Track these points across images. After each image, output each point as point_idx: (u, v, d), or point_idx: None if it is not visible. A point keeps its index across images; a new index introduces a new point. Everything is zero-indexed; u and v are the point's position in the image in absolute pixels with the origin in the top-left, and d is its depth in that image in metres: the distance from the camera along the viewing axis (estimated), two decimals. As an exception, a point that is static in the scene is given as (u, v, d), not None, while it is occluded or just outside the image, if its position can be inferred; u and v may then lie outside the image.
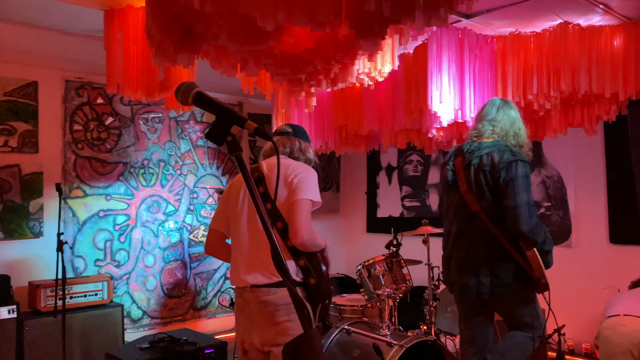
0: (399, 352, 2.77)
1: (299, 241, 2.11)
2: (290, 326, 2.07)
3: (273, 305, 2.12)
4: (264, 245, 2.15)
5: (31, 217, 4.42)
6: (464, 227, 2.66)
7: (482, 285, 2.57)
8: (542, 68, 3.32)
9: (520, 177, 2.50)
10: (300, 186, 2.17)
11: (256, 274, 2.18)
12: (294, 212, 2.13)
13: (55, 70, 4.62)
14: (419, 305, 4.35)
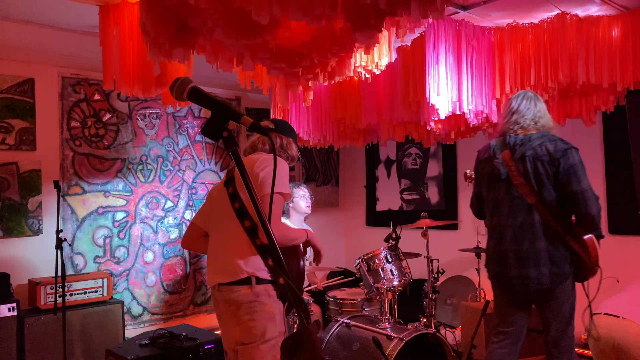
0: (399, 345, 2.77)
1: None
2: (253, 325, 2.07)
3: (235, 303, 2.11)
4: (230, 242, 2.17)
5: (30, 214, 4.42)
6: (522, 219, 2.66)
7: (543, 276, 2.60)
8: (539, 59, 3.31)
9: (579, 164, 2.59)
10: (268, 180, 2.13)
11: (221, 272, 2.18)
12: (265, 205, 2.05)
13: (51, 67, 4.60)
14: (418, 298, 4.36)
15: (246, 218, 2.13)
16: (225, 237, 2.21)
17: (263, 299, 2.10)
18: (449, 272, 5.09)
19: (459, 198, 5.68)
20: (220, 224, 2.27)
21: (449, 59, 3.30)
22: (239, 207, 2.14)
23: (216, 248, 2.26)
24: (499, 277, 2.82)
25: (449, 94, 3.29)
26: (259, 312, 2.08)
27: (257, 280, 2.10)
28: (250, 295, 2.09)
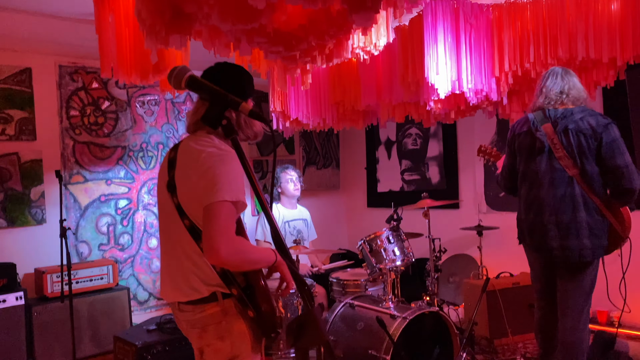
0: (403, 324, 2.81)
1: (216, 259, 1.60)
2: (221, 347, 1.74)
3: (200, 324, 1.76)
4: (181, 250, 1.78)
5: (33, 204, 4.44)
6: (563, 191, 2.71)
7: (584, 247, 2.66)
8: (538, 35, 3.28)
9: (619, 138, 2.67)
10: (215, 184, 1.61)
11: (178, 289, 1.79)
12: (208, 219, 1.60)
13: (48, 56, 4.58)
14: (421, 277, 4.40)
15: (185, 216, 1.74)
16: (174, 243, 1.82)
17: (232, 318, 1.75)
18: (451, 250, 5.12)
19: (460, 177, 5.69)
20: (165, 224, 1.89)
21: (447, 37, 3.28)
22: (177, 203, 1.76)
23: (168, 258, 1.87)
24: (539, 248, 2.85)
25: (448, 73, 3.28)
26: (229, 331, 1.75)
27: (224, 295, 1.73)
28: (217, 314, 1.74)
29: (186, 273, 1.75)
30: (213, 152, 1.66)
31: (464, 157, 5.65)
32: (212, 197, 1.59)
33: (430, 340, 3.00)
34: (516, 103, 3.95)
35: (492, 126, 5.33)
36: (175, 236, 1.80)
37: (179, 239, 1.78)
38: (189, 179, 1.71)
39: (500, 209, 5.28)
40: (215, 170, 1.63)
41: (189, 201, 1.72)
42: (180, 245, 1.78)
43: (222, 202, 1.59)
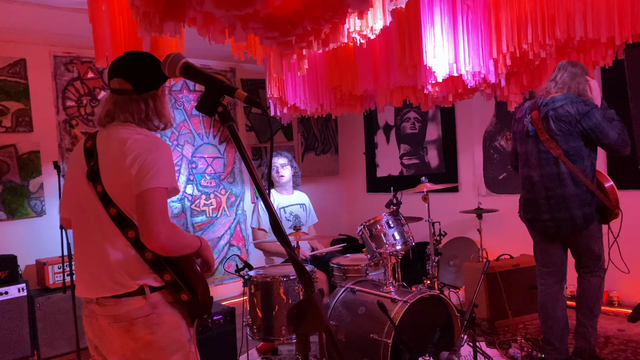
0: (404, 307, 2.82)
1: (155, 244, 1.59)
2: (152, 340, 1.67)
3: (127, 319, 1.67)
4: (103, 244, 1.69)
5: (32, 196, 4.44)
6: (549, 170, 3.07)
7: (576, 217, 3.02)
8: (536, 16, 3.25)
9: (600, 123, 2.94)
10: (148, 171, 1.61)
11: (100, 284, 1.70)
12: (144, 205, 1.58)
13: (42, 46, 4.54)
14: (421, 261, 4.41)
15: (111, 204, 1.66)
16: (94, 236, 1.72)
17: (162, 309, 1.69)
18: (451, 234, 5.14)
19: (459, 160, 5.68)
20: (82, 216, 1.78)
21: (444, 20, 3.25)
22: (102, 191, 1.68)
23: (87, 252, 1.77)
24: (532, 222, 3.21)
25: (445, 55, 3.25)
26: (159, 324, 1.69)
27: (151, 289, 1.68)
28: (145, 308, 1.67)
29: (110, 267, 1.68)
30: (141, 139, 1.68)
31: (463, 140, 5.64)
32: (146, 183, 1.59)
33: (431, 324, 3.01)
34: (514, 85, 3.93)
35: (491, 108, 5.32)
36: (96, 228, 1.71)
37: (102, 230, 1.70)
38: (117, 166, 1.66)
39: (500, 192, 5.28)
40: (147, 157, 1.63)
41: (118, 189, 1.67)
42: (104, 238, 1.70)
43: (157, 188, 1.60)
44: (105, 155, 1.72)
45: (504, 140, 5.25)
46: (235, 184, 5.81)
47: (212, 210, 5.60)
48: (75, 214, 1.81)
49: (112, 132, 1.74)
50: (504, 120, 5.23)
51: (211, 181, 5.61)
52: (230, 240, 5.74)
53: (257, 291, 3.31)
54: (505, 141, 5.23)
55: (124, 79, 1.76)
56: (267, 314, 3.29)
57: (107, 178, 1.69)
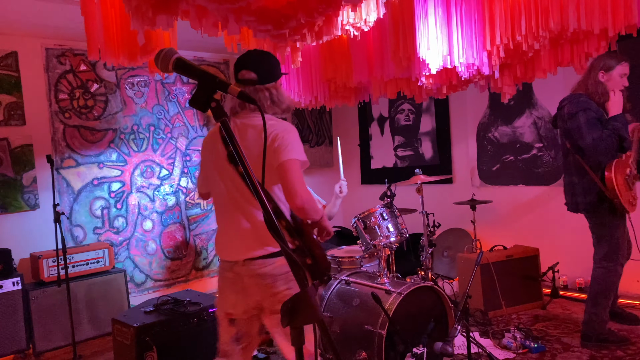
0: (398, 299, 2.84)
1: (298, 203, 1.93)
2: (289, 294, 1.91)
3: (271, 276, 2.01)
4: (247, 212, 2.03)
5: (25, 189, 4.42)
6: (565, 160, 3.49)
7: (578, 203, 3.39)
8: (530, 7, 3.24)
9: (582, 125, 3.23)
10: (286, 146, 1.96)
11: (248, 247, 2.03)
12: (286, 172, 1.93)
13: (34, 39, 4.51)
14: (416, 252, 4.44)
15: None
16: (243, 208, 2.04)
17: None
18: (445, 225, 5.17)
19: (453, 152, 5.70)
20: (229, 192, 2.09)
21: (438, 11, 3.24)
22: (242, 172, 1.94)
23: (234, 221, 2.08)
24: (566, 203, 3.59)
25: (439, 47, 3.25)
26: (293, 280, 1.97)
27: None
28: (285, 266, 1.96)
29: (258, 232, 2.00)
30: (274, 124, 2.03)
31: (457, 132, 5.65)
32: (285, 155, 1.94)
33: (425, 315, 3.04)
34: (508, 77, 3.93)
35: (485, 100, 5.33)
36: (243, 202, 2.03)
37: (249, 202, 2.02)
38: (257, 147, 1.97)
39: (493, 183, 5.31)
40: (284, 136, 1.97)
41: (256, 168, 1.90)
42: (252, 207, 2.02)
43: (294, 160, 1.95)
44: (243, 140, 2.02)
45: (497, 131, 5.26)
46: (230, 177, 5.81)
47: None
48: (219, 190, 2.13)
49: (245, 120, 2.07)
50: (497, 111, 5.24)
51: (205, 174, 5.61)
52: (225, 232, 5.75)
53: (252, 283, 3.33)
54: (499, 133, 5.25)
55: (250, 69, 2.10)
56: (262, 306, 3.30)
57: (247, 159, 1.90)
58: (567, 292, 4.56)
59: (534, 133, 4.97)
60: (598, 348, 3.38)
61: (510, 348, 3.43)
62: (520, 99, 4.98)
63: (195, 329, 3.03)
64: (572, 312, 4.11)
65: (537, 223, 4.86)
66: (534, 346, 3.40)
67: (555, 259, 4.46)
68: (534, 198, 4.94)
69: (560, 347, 3.46)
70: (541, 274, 4.36)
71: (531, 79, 3.90)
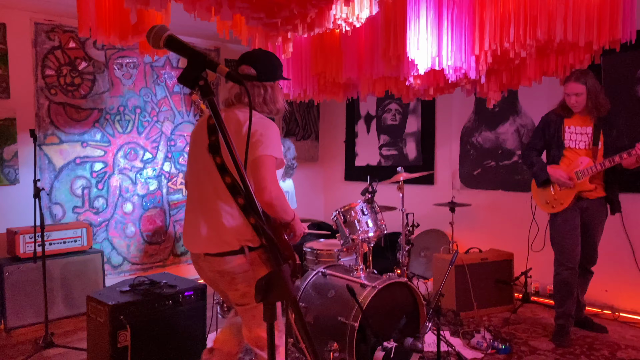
0: (372, 292, 2.89)
1: (266, 198, 1.95)
2: (249, 291, 2.05)
3: (229, 274, 2.06)
4: (212, 206, 2.04)
5: (6, 164, 4.38)
6: None
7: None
8: (519, 15, 3.30)
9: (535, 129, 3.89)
10: (263, 142, 1.99)
11: (208, 241, 2.06)
12: (259, 167, 1.96)
13: (23, 12, 4.45)
14: (393, 251, 4.49)
15: (227, 174, 2.00)
16: (210, 200, 2.06)
17: (257, 266, 2.07)
18: (424, 225, 5.23)
19: (436, 154, 5.77)
20: (201, 183, 2.12)
21: (430, 13, 3.29)
22: (221, 162, 2.01)
23: (201, 212, 2.10)
24: None
25: (428, 49, 3.30)
26: (254, 278, 2.00)
27: (250, 249, 2.05)
28: (244, 265, 2.04)
29: (221, 227, 2.02)
30: (257, 120, 2.04)
31: (441, 135, 5.72)
32: (260, 151, 1.95)
33: (398, 310, 3.08)
34: (494, 82, 4.00)
35: (470, 105, 5.40)
36: (213, 193, 2.04)
37: (218, 195, 2.03)
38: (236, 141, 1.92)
39: (473, 187, 5.39)
40: (263, 132, 1.99)
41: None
42: (220, 201, 2.03)
43: (269, 156, 1.96)
44: (228, 122, 2.04)
45: (481, 136, 5.34)
46: (214, 165, 5.80)
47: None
48: (195, 179, 2.15)
49: (232, 114, 2.08)
50: (482, 117, 5.32)
51: (189, 160, 5.60)
52: (205, 220, 5.75)
53: (230, 270, 3.35)
54: (483, 138, 5.33)
55: (251, 65, 2.16)
56: (238, 293, 3.32)
57: (225, 151, 2.00)
58: (538, 297, 4.66)
59: (517, 140, 5.06)
60: (563, 352, 3.47)
61: (479, 348, 3.51)
62: (505, 105, 5.07)
63: (170, 311, 3.05)
64: (542, 317, 4.21)
65: (514, 229, 4.95)
66: (501, 347, 3.48)
67: (528, 264, 4.55)
68: (512, 204, 5.03)
69: (527, 349, 3.54)
70: (514, 278, 4.45)
71: (516, 86, 3.98)
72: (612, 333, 3.82)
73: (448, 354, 3.39)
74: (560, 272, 3.63)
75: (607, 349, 3.52)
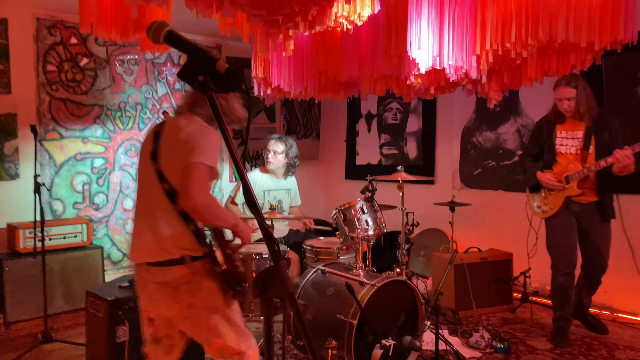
0: (371, 290, 2.89)
1: (189, 205, 1.85)
2: (193, 302, 1.96)
3: (171, 285, 1.96)
4: (152, 214, 1.99)
5: (7, 159, 4.38)
6: None
7: None
8: (521, 15, 3.30)
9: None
10: (193, 149, 1.90)
11: (148, 249, 1.99)
12: (188, 174, 1.86)
13: (25, 7, 4.46)
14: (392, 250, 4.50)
15: (165, 181, 1.95)
16: (151, 207, 2.02)
17: (201, 277, 1.97)
18: (424, 225, 5.23)
19: (437, 153, 5.77)
20: (144, 189, 2.09)
21: (432, 12, 3.29)
22: (159, 169, 1.97)
23: (142, 220, 2.05)
24: None
25: (429, 48, 3.30)
26: (199, 289, 1.97)
27: (192, 258, 1.96)
28: (187, 275, 1.95)
29: (160, 235, 1.95)
30: (197, 127, 1.99)
31: (442, 134, 5.72)
32: (192, 158, 1.88)
33: (397, 309, 3.09)
34: (495, 82, 4.00)
35: (471, 105, 5.40)
36: (153, 200, 1.99)
37: (157, 202, 1.97)
38: (173, 148, 1.96)
39: (474, 187, 5.39)
40: (198, 139, 1.93)
41: (170, 168, 1.95)
42: (158, 209, 1.97)
43: (200, 163, 1.87)
44: (167, 139, 2.01)
45: (481, 136, 5.34)
46: (214, 162, 5.80)
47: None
48: (140, 187, 2.12)
49: (176, 120, 2.06)
50: (483, 117, 5.32)
51: (190, 157, 5.60)
52: (205, 217, 5.75)
53: (229, 267, 3.35)
54: (483, 138, 5.33)
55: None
56: (237, 290, 3.33)
57: (163, 158, 1.98)
58: (537, 297, 4.67)
59: (517, 140, 5.06)
60: (561, 352, 3.47)
61: (478, 347, 3.51)
62: (505, 105, 5.06)
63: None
64: (540, 317, 4.21)
65: (513, 229, 4.94)
66: (500, 347, 3.48)
67: (527, 265, 4.55)
68: (512, 204, 5.02)
69: (525, 349, 3.55)
70: (513, 278, 4.45)
71: (518, 87, 3.98)
72: (611, 334, 3.82)
73: (446, 352, 3.39)
74: (556, 277, 3.62)
75: (605, 350, 3.52)
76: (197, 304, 1.97)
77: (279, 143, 4.36)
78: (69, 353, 3.52)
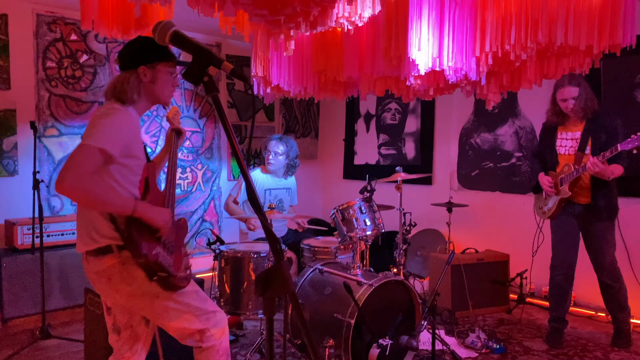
0: (368, 290, 2.91)
1: (57, 188, 1.77)
2: (133, 291, 1.96)
3: (105, 275, 1.95)
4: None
5: (5, 155, 4.38)
6: None
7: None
8: (520, 18, 3.32)
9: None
10: (90, 132, 1.86)
11: (82, 239, 1.98)
12: (71, 154, 1.81)
13: (25, 3, 4.46)
14: (390, 250, 4.52)
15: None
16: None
17: (131, 266, 1.94)
18: (421, 225, 5.25)
19: (435, 154, 5.79)
20: None
21: (432, 14, 3.30)
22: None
23: (80, 211, 2.05)
24: None
25: (429, 49, 3.31)
26: (133, 277, 1.95)
27: (119, 247, 1.93)
28: (117, 265, 1.94)
29: (87, 224, 1.95)
30: (102, 108, 1.97)
31: (440, 135, 5.74)
32: (83, 139, 1.85)
33: (394, 308, 3.11)
34: (494, 84, 4.01)
35: (470, 106, 5.42)
36: None
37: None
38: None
39: (471, 188, 5.41)
40: (97, 120, 1.89)
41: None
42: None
43: (88, 145, 1.81)
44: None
45: (479, 138, 5.36)
46: (213, 160, 5.81)
47: (187, 184, 5.60)
48: None
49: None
50: (481, 118, 5.34)
51: (188, 155, 5.60)
52: (203, 215, 5.76)
53: (227, 265, 3.37)
54: (481, 139, 5.35)
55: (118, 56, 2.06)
56: (235, 288, 3.35)
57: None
58: (533, 299, 4.69)
59: (515, 142, 5.08)
60: (557, 353, 3.50)
61: (474, 347, 3.53)
62: (504, 107, 5.09)
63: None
64: (536, 318, 4.24)
65: (511, 230, 4.97)
66: (496, 347, 3.50)
67: (524, 266, 4.58)
68: (509, 205, 5.05)
69: (521, 349, 3.57)
70: (509, 279, 4.48)
71: (516, 89, 3.99)
72: (606, 336, 3.84)
73: (443, 352, 3.41)
74: (554, 276, 3.66)
75: (600, 351, 3.55)
76: (136, 292, 1.96)
77: (280, 144, 4.37)
78: (67, 349, 3.53)
